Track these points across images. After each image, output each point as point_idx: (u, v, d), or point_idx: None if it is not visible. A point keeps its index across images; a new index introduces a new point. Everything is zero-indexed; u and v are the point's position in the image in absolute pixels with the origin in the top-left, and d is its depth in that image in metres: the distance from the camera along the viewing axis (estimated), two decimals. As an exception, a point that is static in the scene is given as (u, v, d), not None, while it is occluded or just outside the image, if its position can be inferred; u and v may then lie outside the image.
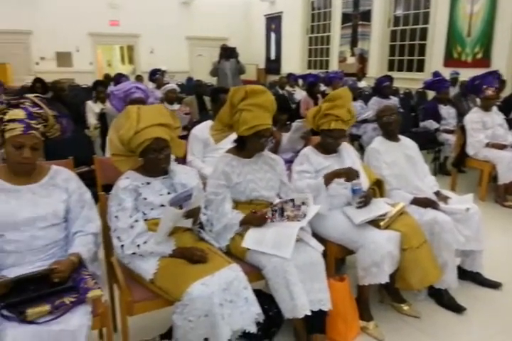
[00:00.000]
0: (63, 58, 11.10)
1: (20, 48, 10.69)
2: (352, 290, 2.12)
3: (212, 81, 7.76)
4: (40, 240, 1.63)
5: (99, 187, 2.66)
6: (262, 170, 2.17)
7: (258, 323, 1.76)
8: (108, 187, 2.36)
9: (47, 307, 1.41)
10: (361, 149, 4.90)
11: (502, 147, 3.89)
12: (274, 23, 12.10)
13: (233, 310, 1.68)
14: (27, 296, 1.43)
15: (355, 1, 9.72)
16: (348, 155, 2.41)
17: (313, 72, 9.75)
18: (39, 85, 5.36)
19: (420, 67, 8.56)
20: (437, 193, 2.55)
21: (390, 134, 2.61)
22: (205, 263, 1.76)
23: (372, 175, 2.40)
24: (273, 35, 12.19)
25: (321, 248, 2.00)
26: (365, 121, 5.07)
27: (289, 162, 2.82)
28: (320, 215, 2.16)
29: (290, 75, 7.51)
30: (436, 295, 2.33)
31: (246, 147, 2.13)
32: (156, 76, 6.57)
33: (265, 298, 1.93)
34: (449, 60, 7.99)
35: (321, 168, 2.32)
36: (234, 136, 2.19)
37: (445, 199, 2.49)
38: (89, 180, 2.60)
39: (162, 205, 1.85)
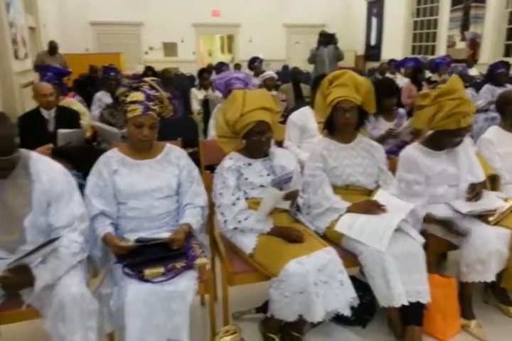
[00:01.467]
0: (169, 48, 11.86)
1: (132, 39, 11.65)
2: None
3: (309, 68, 7.71)
4: (157, 209, 1.81)
5: (202, 167, 2.84)
6: (360, 156, 2.14)
7: (352, 308, 1.77)
8: (210, 168, 2.53)
9: (161, 269, 1.58)
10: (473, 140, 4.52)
11: None
12: (376, 7, 11.56)
13: (327, 291, 1.71)
14: (145, 258, 1.61)
15: (470, -20, 8.86)
16: (464, 152, 2.18)
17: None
18: (150, 73, 5.82)
19: (545, 52, 7.58)
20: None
21: None
22: (301, 244, 1.81)
23: (487, 168, 2.23)
24: (374, 20, 11.66)
25: (421, 239, 1.92)
26: (476, 110, 4.65)
27: (390, 152, 2.74)
28: (423, 207, 2.08)
29: (391, 61, 7.14)
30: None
31: (335, 125, 2.12)
32: (255, 64, 6.72)
33: (359, 285, 1.92)
34: None
35: (431, 173, 2.12)
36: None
37: None
38: (193, 160, 2.81)
39: (261, 186, 1.94)
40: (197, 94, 4.96)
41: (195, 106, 4.86)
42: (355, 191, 2.12)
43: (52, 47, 6.79)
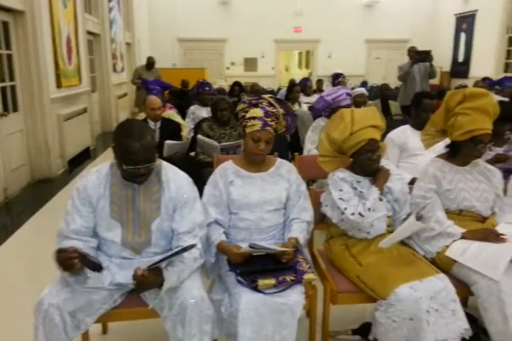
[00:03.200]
0: (250, 63, 12.26)
1: (215, 54, 12.22)
2: None
3: (393, 84, 7.53)
4: (266, 221, 1.87)
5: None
6: (476, 180, 2.05)
7: (463, 339, 1.68)
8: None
9: (273, 281, 1.62)
10: None
11: None
12: (465, 22, 11.05)
13: (439, 319, 1.64)
14: (257, 268, 1.67)
15: None
16: None
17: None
18: (237, 88, 6.05)
19: None
20: None
21: None
22: (412, 268, 1.76)
23: None
24: (463, 36, 11.14)
25: (541, 273, 1.78)
26: None
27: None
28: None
29: (485, 79, 6.75)
30: None
31: (460, 153, 2.03)
32: (339, 79, 6.72)
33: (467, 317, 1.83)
34: None
35: None
36: (441, 144, 2.13)
37: None
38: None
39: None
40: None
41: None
42: (469, 217, 2.02)
43: (151, 63, 7.33)
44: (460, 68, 11.13)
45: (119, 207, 1.66)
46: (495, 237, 1.85)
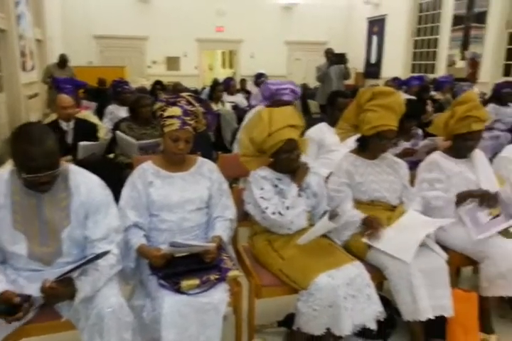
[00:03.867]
0: (172, 62, 12.01)
1: (136, 53, 11.79)
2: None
3: (313, 84, 7.85)
4: (188, 222, 1.84)
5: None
6: (385, 173, 2.20)
7: (378, 321, 1.80)
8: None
9: (197, 281, 1.61)
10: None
11: None
12: (376, 25, 11.83)
13: (355, 305, 1.74)
14: (180, 270, 1.64)
15: (470, 2, 9.13)
16: (481, 162, 2.33)
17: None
18: (159, 87, 5.90)
19: (544, 73, 7.78)
20: None
21: None
22: (330, 257, 1.84)
23: (502, 182, 2.29)
24: (374, 38, 11.92)
25: (445, 255, 1.97)
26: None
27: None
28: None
29: (395, 79, 7.29)
30: None
31: (368, 147, 2.17)
32: (262, 79, 6.84)
33: (380, 300, 1.96)
34: None
35: (452, 173, 2.26)
36: (355, 137, 2.26)
37: None
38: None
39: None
40: (207, 108, 5.02)
41: (206, 120, 4.92)
42: (380, 206, 2.17)
43: (63, 60, 6.88)
44: (373, 69, 11.90)
45: (22, 217, 1.54)
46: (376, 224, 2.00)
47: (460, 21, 9.38)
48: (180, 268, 1.65)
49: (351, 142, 2.30)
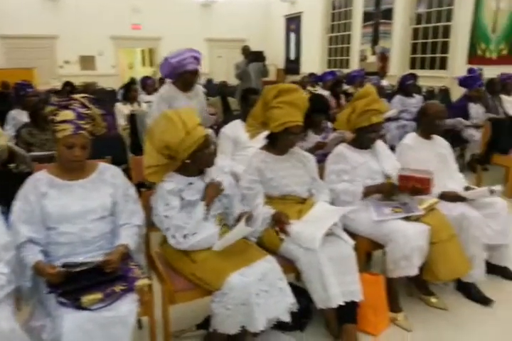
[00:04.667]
0: (87, 62, 11.40)
1: (46, 53, 11.02)
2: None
3: (233, 82, 7.86)
4: (91, 232, 1.74)
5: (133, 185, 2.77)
6: (295, 167, 2.25)
7: (291, 313, 1.84)
8: (141, 185, 2.47)
9: (99, 295, 1.52)
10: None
11: None
12: (293, 23, 12.15)
13: (268, 299, 1.76)
14: (81, 285, 1.54)
15: (377, -1, 9.69)
16: (383, 151, 2.48)
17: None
18: (69, 88, 5.57)
19: (443, 65, 8.48)
20: (466, 188, 2.59)
21: (429, 135, 2.63)
22: (242, 255, 1.85)
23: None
24: (292, 35, 12.24)
25: (352, 242, 2.06)
26: (388, 119, 5.07)
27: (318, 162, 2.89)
28: (350, 211, 2.24)
29: (311, 75, 7.54)
30: (464, 288, 2.37)
31: (277, 143, 2.21)
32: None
33: (295, 291, 2.00)
34: (473, 58, 7.89)
35: (357, 164, 2.36)
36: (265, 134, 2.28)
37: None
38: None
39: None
40: (122, 109, 4.82)
41: (121, 122, 4.72)
42: (291, 200, 2.22)
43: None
44: (292, 65, 12.23)
45: None
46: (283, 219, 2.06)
47: (370, 18, 9.93)
48: (81, 282, 1.55)
49: (262, 139, 2.33)
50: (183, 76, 3.11)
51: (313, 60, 11.34)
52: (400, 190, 2.29)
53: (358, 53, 10.18)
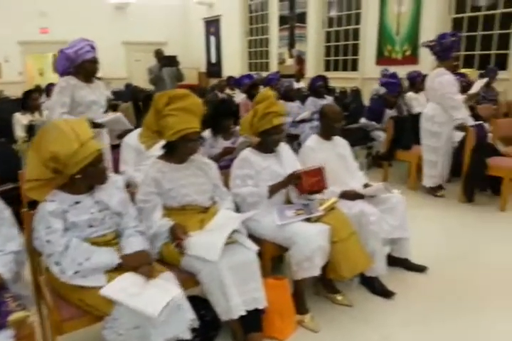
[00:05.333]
0: (-9, 69, 10.50)
1: None
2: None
3: (150, 86, 7.65)
4: None
5: (24, 203, 2.55)
6: (195, 175, 2.19)
7: (194, 329, 1.76)
8: (34, 204, 2.27)
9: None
10: (300, 147, 5.03)
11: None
12: (212, 26, 12.13)
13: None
14: None
15: (291, 3, 9.95)
16: (286, 154, 2.50)
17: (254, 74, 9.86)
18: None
19: (354, 67, 8.91)
20: (366, 185, 2.69)
21: (329, 136, 2.70)
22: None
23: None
24: (212, 39, 12.22)
25: (255, 248, 2.03)
26: (302, 120, 5.21)
27: (226, 167, 2.85)
28: (254, 215, 2.23)
29: (230, 78, 7.55)
30: (368, 283, 2.46)
31: (175, 152, 2.13)
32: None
33: (202, 303, 1.95)
34: (381, 59, 8.39)
35: (260, 168, 2.37)
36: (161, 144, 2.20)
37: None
38: (13, 197, 2.49)
39: (91, 226, 1.79)
40: (21, 120, 4.44)
41: (19, 133, 4.35)
42: (192, 210, 2.14)
43: None
44: (214, 68, 12.21)
45: None
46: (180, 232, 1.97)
47: (285, 21, 10.18)
48: None
49: (158, 148, 2.24)
50: (82, 66, 2.99)
51: (234, 63, 11.39)
52: (299, 191, 2.33)
53: (277, 56, 10.40)
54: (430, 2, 7.59)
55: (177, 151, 2.13)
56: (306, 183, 2.30)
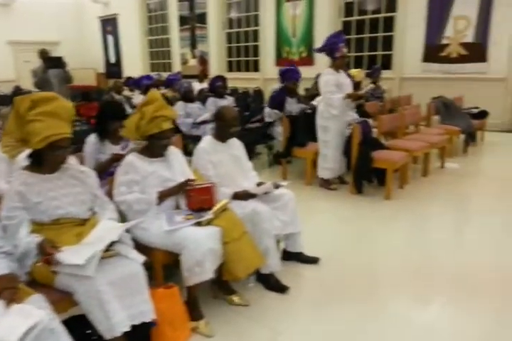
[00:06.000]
0: None
1: None
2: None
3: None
4: None
5: None
6: (69, 185, 2.01)
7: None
8: None
9: None
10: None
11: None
12: (109, 25, 11.57)
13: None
14: None
15: (191, 3, 9.85)
16: (176, 159, 2.41)
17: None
18: None
19: (256, 67, 9.11)
20: (259, 185, 2.72)
21: (224, 139, 2.66)
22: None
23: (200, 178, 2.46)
24: (110, 38, 11.66)
25: (141, 258, 1.92)
26: (204, 122, 5.16)
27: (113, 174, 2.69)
28: (141, 223, 2.13)
29: (129, 79, 7.23)
30: (264, 280, 2.48)
31: (43, 161, 1.94)
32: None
33: (88, 323, 1.80)
34: (280, 59, 8.68)
35: (147, 173, 2.28)
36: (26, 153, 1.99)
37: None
38: None
39: None
40: None
41: None
42: (67, 223, 1.97)
43: None
44: (114, 69, 11.67)
45: None
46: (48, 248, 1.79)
47: (186, 22, 10.06)
48: None
49: (22, 158, 2.02)
50: None
51: (135, 64, 10.99)
52: (188, 206, 2.30)
53: (179, 56, 10.23)
54: (322, 6, 8.03)
55: (45, 160, 1.94)
56: (196, 200, 2.27)
